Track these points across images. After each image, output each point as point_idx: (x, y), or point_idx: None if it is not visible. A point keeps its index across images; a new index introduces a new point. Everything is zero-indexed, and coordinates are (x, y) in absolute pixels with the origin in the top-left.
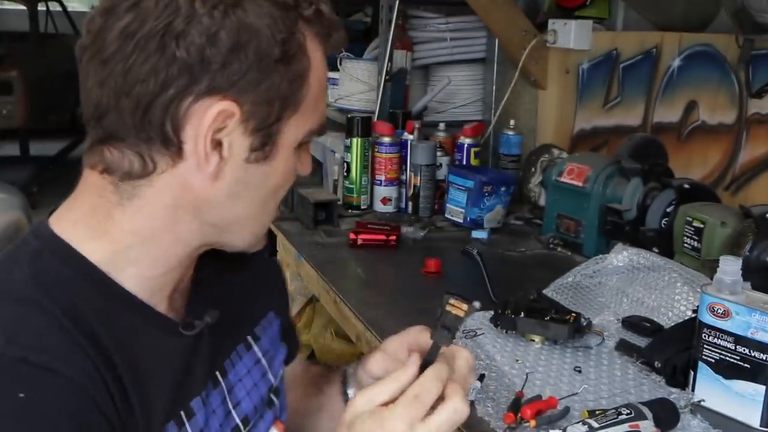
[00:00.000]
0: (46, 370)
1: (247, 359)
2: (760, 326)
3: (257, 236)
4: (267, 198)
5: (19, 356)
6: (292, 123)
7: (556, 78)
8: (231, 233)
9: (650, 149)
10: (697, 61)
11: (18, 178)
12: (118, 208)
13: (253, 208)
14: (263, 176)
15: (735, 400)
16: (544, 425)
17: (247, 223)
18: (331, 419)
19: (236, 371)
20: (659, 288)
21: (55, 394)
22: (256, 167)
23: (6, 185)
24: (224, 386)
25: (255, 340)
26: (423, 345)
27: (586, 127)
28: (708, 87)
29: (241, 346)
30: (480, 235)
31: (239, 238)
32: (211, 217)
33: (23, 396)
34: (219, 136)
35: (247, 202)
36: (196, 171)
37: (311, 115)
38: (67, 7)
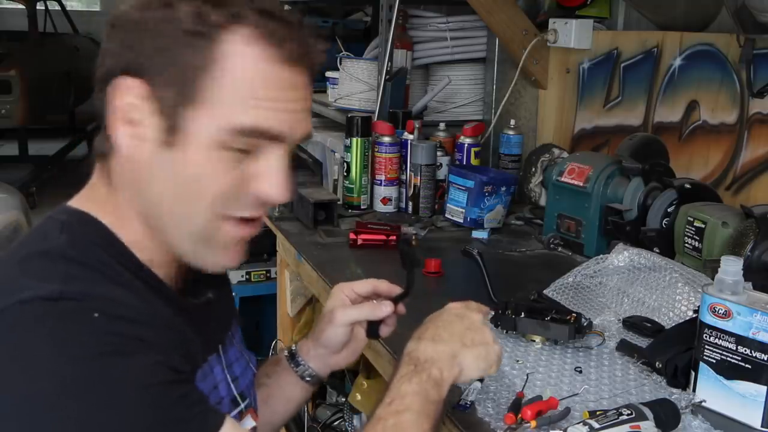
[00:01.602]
0: (109, 299)
1: (234, 347)
2: (761, 326)
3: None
4: (185, 194)
5: (80, 291)
6: (201, 116)
7: (556, 77)
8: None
9: (651, 149)
10: (699, 60)
11: (17, 177)
12: (108, 188)
13: (173, 202)
14: (174, 164)
15: (736, 401)
16: (544, 426)
17: (176, 222)
18: (283, 401)
19: (234, 350)
20: (660, 288)
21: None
22: (167, 153)
23: (4, 185)
24: (224, 360)
25: (232, 337)
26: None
27: (587, 126)
28: (709, 87)
29: (228, 335)
30: (480, 235)
31: (177, 240)
32: (145, 208)
33: (97, 315)
34: (133, 115)
35: (162, 189)
36: (123, 152)
37: (229, 112)
38: (66, 6)
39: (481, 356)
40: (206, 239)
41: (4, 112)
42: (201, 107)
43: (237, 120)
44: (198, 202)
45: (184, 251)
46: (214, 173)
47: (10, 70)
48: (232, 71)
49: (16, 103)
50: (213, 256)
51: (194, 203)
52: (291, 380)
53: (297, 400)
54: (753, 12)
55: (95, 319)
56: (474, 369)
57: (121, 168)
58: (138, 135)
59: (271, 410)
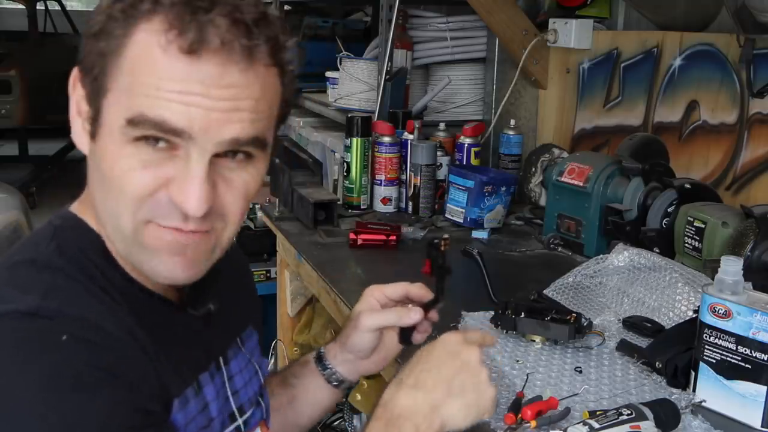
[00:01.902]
0: (83, 318)
1: (240, 357)
2: (761, 326)
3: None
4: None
5: (55, 308)
6: (110, 103)
7: (556, 77)
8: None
9: (651, 149)
10: (699, 60)
11: (17, 177)
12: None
13: (100, 196)
14: (96, 156)
15: (736, 401)
16: (544, 426)
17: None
18: (309, 404)
19: (237, 362)
20: (660, 288)
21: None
22: (93, 144)
23: (4, 185)
24: (225, 372)
25: (242, 344)
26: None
27: (587, 126)
28: (709, 87)
29: (237, 343)
30: (480, 235)
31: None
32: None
33: (66, 338)
34: (82, 107)
35: (94, 183)
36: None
37: (124, 101)
38: (66, 6)
39: (471, 404)
40: (137, 243)
41: (4, 112)
42: (110, 97)
43: (133, 108)
44: (120, 201)
45: (125, 255)
46: (129, 169)
47: (10, 70)
48: (133, 59)
49: (16, 103)
50: (150, 263)
51: (117, 201)
52: (318, 383)
53: (323, 404)
54: (753, 12)
55: (63, 342)
56: (461, 419)
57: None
58: (84, 127)
59: (297, 412)
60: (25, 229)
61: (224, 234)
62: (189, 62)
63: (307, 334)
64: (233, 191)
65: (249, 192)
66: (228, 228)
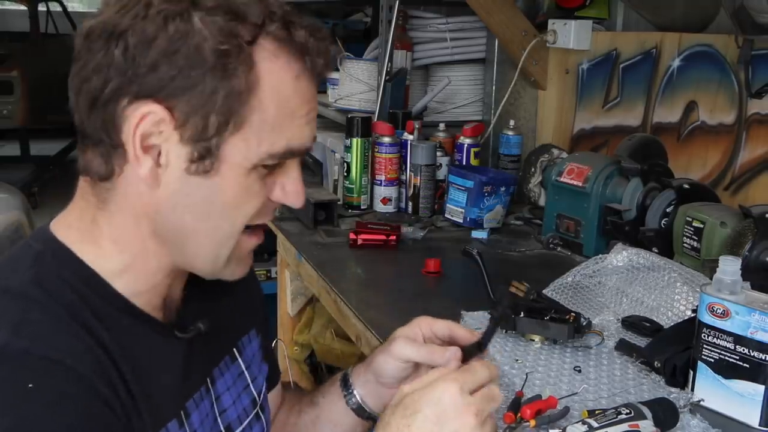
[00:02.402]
0: (50, 360)
1: (233, 369)
2: (759, 326)
3: (217, 260)
4: (217, 217)
5: (23, 348)
6: (239, 140)
7: (555, 78)
8: (189, 253)
9: (650, 149)
10: (697, 61)
11: (18, 178)
12: (98, 211)
13: (201, 225)
14: (207, 191)
15: (734, 400)
16: (543, 425)
17: (202, 243)
18: (332, 426)
19: (224, 380)
20: (659, 288)
21: (62, 382)
22: (199, 180)
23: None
24: (212, 393)
25: (239, 353)
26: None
27: (586, 127)
28: (708, 87)
29: (227, 357)
30: (480, 235)
31: (200, 260)
32: (164, 230)
33: (32, 386)
34: (152, 141)
35: (193, 217)
36: (138, 176)
37: (270, 135)
38: (68, 7)
39: None
40: (232, 256)
41: (6, 113)
42: (236, 132)
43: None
44: (232, 225)
45: (202, 271)
46: (249, 195)
47: (11, 70)
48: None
49: (17, 103)
50: (231, 271)
51: (228, 226)
52: (339, 405)
53: (344, 428)
54: (751, 13)
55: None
56: None
57: (132, 193)
58: (159, 161)
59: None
60: (26, 229)
61: None
62: (310, 86)
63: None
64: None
65: None
66: None
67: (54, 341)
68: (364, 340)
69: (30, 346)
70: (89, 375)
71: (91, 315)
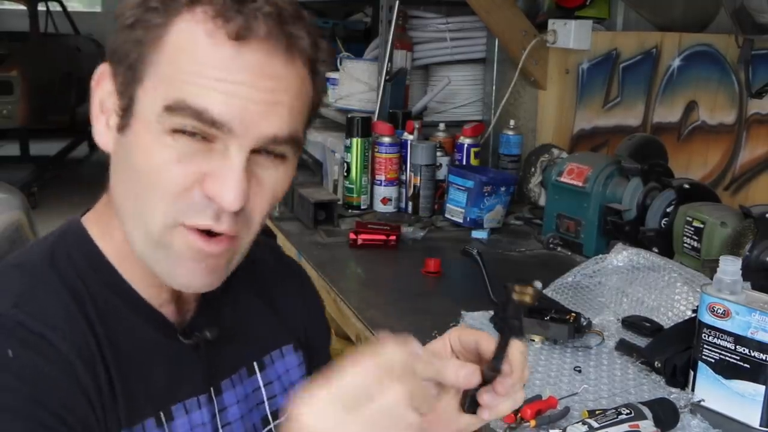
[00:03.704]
0: (39, 337)
1: (247, 384)
2: (760, 326)
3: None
4: (140, 185)
5: (19, 319)
6: (148, 91)
7: (555, 78)
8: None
9: (650, 149)
10: (697, 61)
11: (18, 177)
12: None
13: (128, 193)
14: (126, 150)
15: (735, 400)
16: (544, 425)
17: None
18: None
19: (234, 393)
20: (659, 288)
21: (42, 361)
22: (123, 138)
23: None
24: (216, 404)
25: (260, 368)
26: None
27: (586, 127)
28: (708, 87)
29: (243, 370)
30: (480, 235)
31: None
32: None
33: (11, 354)
34: (106, 104)
35: (120, 180)
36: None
37: (169, 87)
38: (67, 7)
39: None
40: (163, 246)
41: (6, 113)
42: (147, 84)
43: (173, 94)
44: (151, 198)
45: (146, 259)
46: (165, 162)
47: (11, 70)
48: (173, 46)
49: (17, 103)
50: (169, 267)
51: (148, 198)
52: None
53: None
54: (751, 13)
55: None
56: None
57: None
58: (109, 124)
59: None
60: (26, 229)
61: (245, 240)
62: (235, 50)
63: None
64: (263, 192)
65: (276, 194)
66: (249, 233)
67: (49, 320)
68: (364, 340)
69: (25, 320)
70: (73, 359)
71: (89, 300)
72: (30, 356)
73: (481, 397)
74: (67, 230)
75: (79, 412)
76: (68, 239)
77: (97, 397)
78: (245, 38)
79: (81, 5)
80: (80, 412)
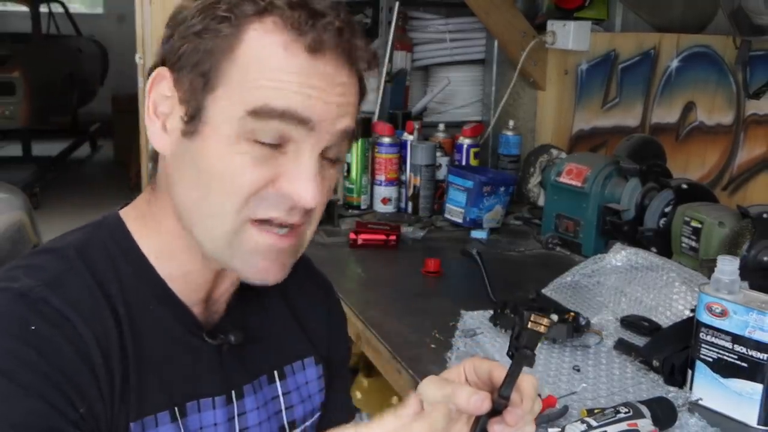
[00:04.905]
0: (61, 315)
1: (267, 391)
2: (757, 325)
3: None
4: (212, 189)
5: (43, 296)
6: (219, 99)
7: (554, 79)
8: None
9: (648, 150)
10: (695, 62)
11: (20, 178)
12: (152, 192)
13: (197, 196)
14: (193, 155)
15: (732, 399)
16: (543, 424)
17: (200, 217)
18: None
19: (255, 398)
20: (657, 287)
21: (62, 339)
22: (189, 143)
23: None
24: (236, 406)
25: (280, 377)
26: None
27: (585, 127)
28: (706, 88)
29: (264, 377)
30: (479, 235)
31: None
32: (178, 206)
33: (34, 328)
34: (162, 108)
35: (186, 183)
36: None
37: (247, 95)
38: (69, 8)
39: None
40: (237, 244)
41: (8, 114)
42: (220, 92)
43: (256, 100)
44: (225, 201)
45: (217, 257)
46: (241, 168)
47: (13, 71)
48: (247, 56)
49: (19, 104)
50: (244, 265)
51: (221, 200)
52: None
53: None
54: (749, 14)
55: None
56: None
57: (160, 166)
58: (166, 127)
59: None
60: (28, 230)
61: (308, 234)
62: (310, 60)
63: None
64: (323, 189)
65: (331, 192)
66: (312, 228)
67: (73, 302)
68: (363, 340)
69: (50, 297)
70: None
71: (119, 290)
72: (51, 332)
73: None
74: (104, 222)
75: (90, 398)
76: (104, 231)
77: (108, 388)
78: (320, 50)
79: (83, 6)
80: (91, 397)
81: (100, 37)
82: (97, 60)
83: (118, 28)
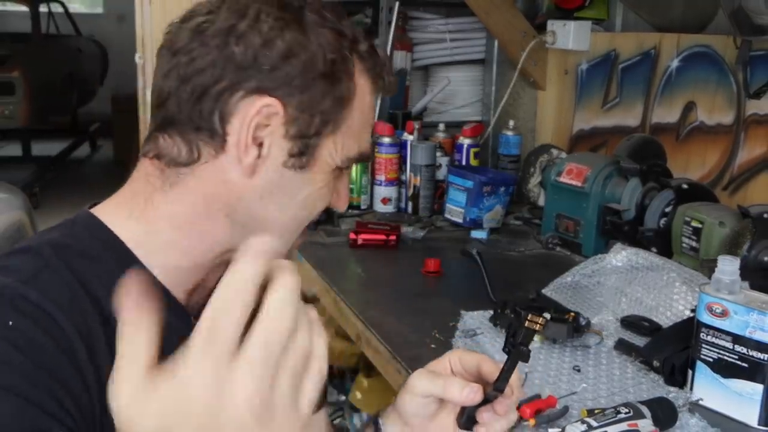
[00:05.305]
0: (41, 310)
1: None
2: (758, 326)
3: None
4: (296, 211)
5: (22, 292)
6: (332, 141)
7: (555, 79)
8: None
9: (649, 149)
10: (696, 62)
11: (20, 178)
12: (159, 193)
13: (282, 216)
14: (297, 185)
15: (733, 399)
16: (543, 424)
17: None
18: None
19: None
20: (658, 287)
21: (41, 333)
22: (292, 174)
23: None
24: None
25: None
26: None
27: (585, 127)
28: (706, 88)
29: None
30: (479, 235)
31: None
32: (242, 216)
33: (11, 323)
34: (261, 134)
35: (278, 207)
36: (235, 164)
37: (352, 141)
38: (69, 8)
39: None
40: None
41: (8, 113)
42: (333, 134)
43: (359, 145)
44: (302, 221)
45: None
46: (327, 194)
47: (13, 71)
48: (357, 102)
49: (19, 104)
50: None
51: (299, 221)
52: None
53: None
54: (749, 14)
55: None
56: None
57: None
58: (261, 152)
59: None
60: (28, 229)
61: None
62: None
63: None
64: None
65: None
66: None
67: (53, 297)
68: (363, 340)
69: (28, 293)
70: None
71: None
72: (29, 327)
73: (480, 416)
74: (76, 219)
75: (75, 392)
76: (79, 226)
77: (95, 383)
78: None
79: (83, 6)
80: (76, 391)
81: (100, 37)
82: (96, 60)
83: (117, 28)
